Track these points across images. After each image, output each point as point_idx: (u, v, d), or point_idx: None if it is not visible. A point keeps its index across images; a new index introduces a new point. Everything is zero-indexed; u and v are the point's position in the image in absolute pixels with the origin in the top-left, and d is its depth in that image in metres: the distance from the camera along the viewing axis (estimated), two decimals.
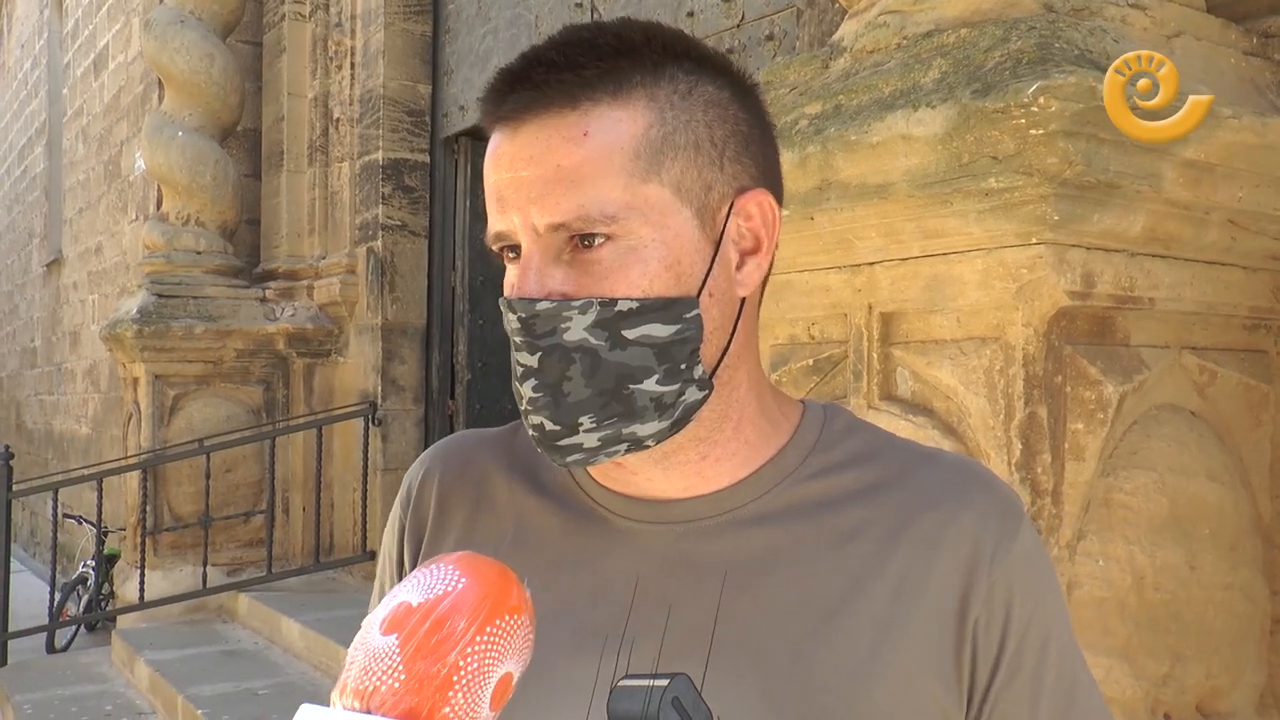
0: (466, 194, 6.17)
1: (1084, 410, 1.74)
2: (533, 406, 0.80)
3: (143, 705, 5.15)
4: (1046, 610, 0.85)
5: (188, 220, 6.49)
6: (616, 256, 0.77)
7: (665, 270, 0.78)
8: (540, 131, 0.77)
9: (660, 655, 0.80)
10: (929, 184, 1.72)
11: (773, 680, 0.78)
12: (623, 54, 0.79)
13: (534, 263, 0.78)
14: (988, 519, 0.83)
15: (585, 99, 0.77)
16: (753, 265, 0.83)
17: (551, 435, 0.80)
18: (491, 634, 0.68)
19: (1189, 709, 1.84)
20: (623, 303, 0.77)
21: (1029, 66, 1.61)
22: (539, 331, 0.78)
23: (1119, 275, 1.77)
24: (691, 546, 0.84)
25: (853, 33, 2.05)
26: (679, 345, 0.78)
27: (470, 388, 6.18)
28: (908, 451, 0.89)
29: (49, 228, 12.24)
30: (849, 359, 1.97)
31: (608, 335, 0.77)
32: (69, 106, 11.35)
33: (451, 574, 0.70)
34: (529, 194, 0.77)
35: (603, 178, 0.76)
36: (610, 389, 0.78)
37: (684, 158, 0.79)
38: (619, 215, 0.76)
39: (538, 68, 0.78)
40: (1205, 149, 1.70)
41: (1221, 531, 1.86)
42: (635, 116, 0.78)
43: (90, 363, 9.87)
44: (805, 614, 0.80)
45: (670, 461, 0.83)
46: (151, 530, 6.11)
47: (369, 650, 0.68)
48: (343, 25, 6.43)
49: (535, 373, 0.79)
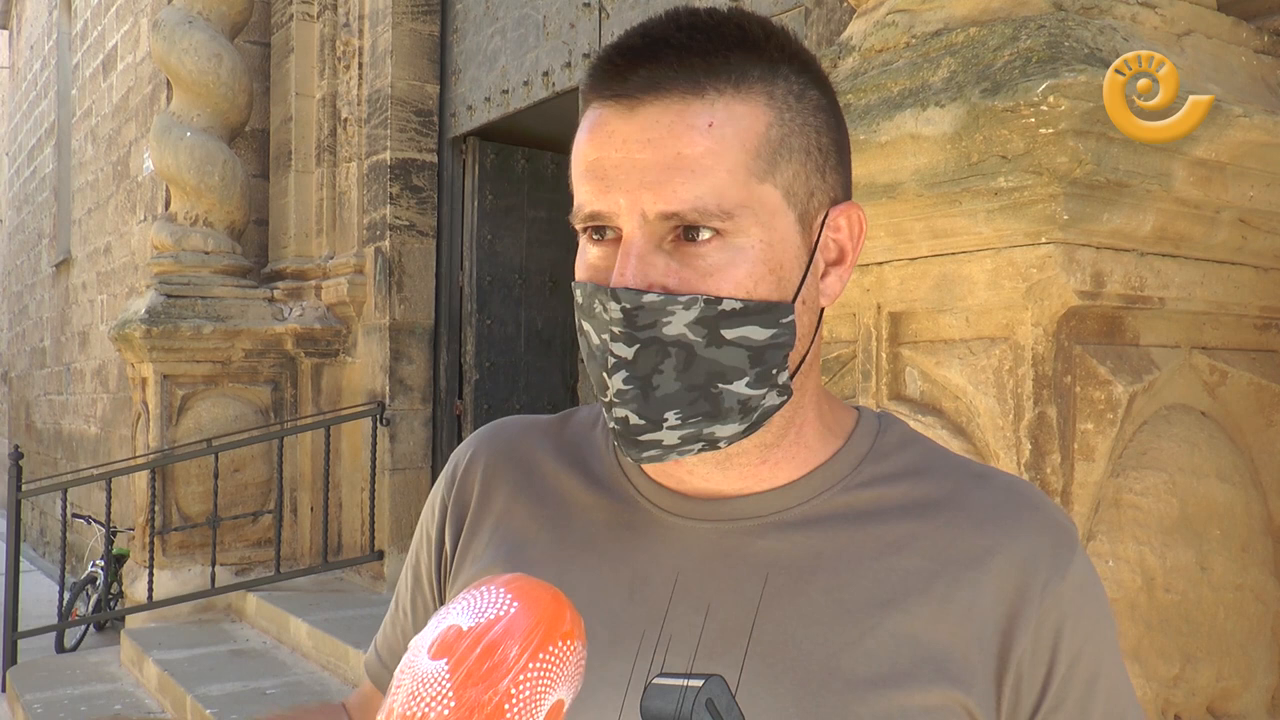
0: (474, 194, 6.17)
1: (1093, 410, 1.73)
2: (620, 399, 0.77)
3: (152, 705, 5.16)
4: (1097, 644, 0.82)
5: (196, 220, 6.50)
6: (723, 254, 0.75)
7: (769, 273, 0.77)
8: (663, 115, 0.75)
9: (696, 655, 0.79)
10: (938, 183, 1.71)
11: (808, 689, 0.77)
12: (744, 47, 0.77)
13: (636, 249, 0.75)
14: (1040, 547, 0.81)
15: (711, 88, 0.75)
16: (835, 277, 0.83)
17: (635, 429, 0.78)
18: (544, 661, 0.66)
19: (1199, 710, 1.83)
20: (727, 302, 0.75)
21: (1038, 65, 1.60)
22: (640, 324, 0.75)
23: (1129, 275, 1.76)
24: (735, 545, 0.83)
25: (861, 32, 2.04)
26: (773, 350, 0.77)
27: (478, 388, 6.18)
28: (961, 469, 0.87)
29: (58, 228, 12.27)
30: (858, 359, 1.96)
31: (707, 333, 0.75)
32: (78, 107, 11.38)
33: (504, 598, 0.68)
34: (643, 178, 0.74)
35: (724, 171, 0.75)
36: (700, 385, 0.76)
37: (796, 161, 0.78)
38: (734, 212, 0.75)
39: (665, 48, 0.75)
40: (1216, 147, 1.69)
41: (1232, 532, 1.85)
42: (757, 113, 0.76)
43: (99, 363, 9.90)
44: (845, 624, 0.79)
45: (731, 463, 0.82)
46: (160, 530, 6.12)
47: (417, 675, 0.66)
48: (350, 25, 6.43)
49: (628, 364, 0.76)
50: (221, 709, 4.51)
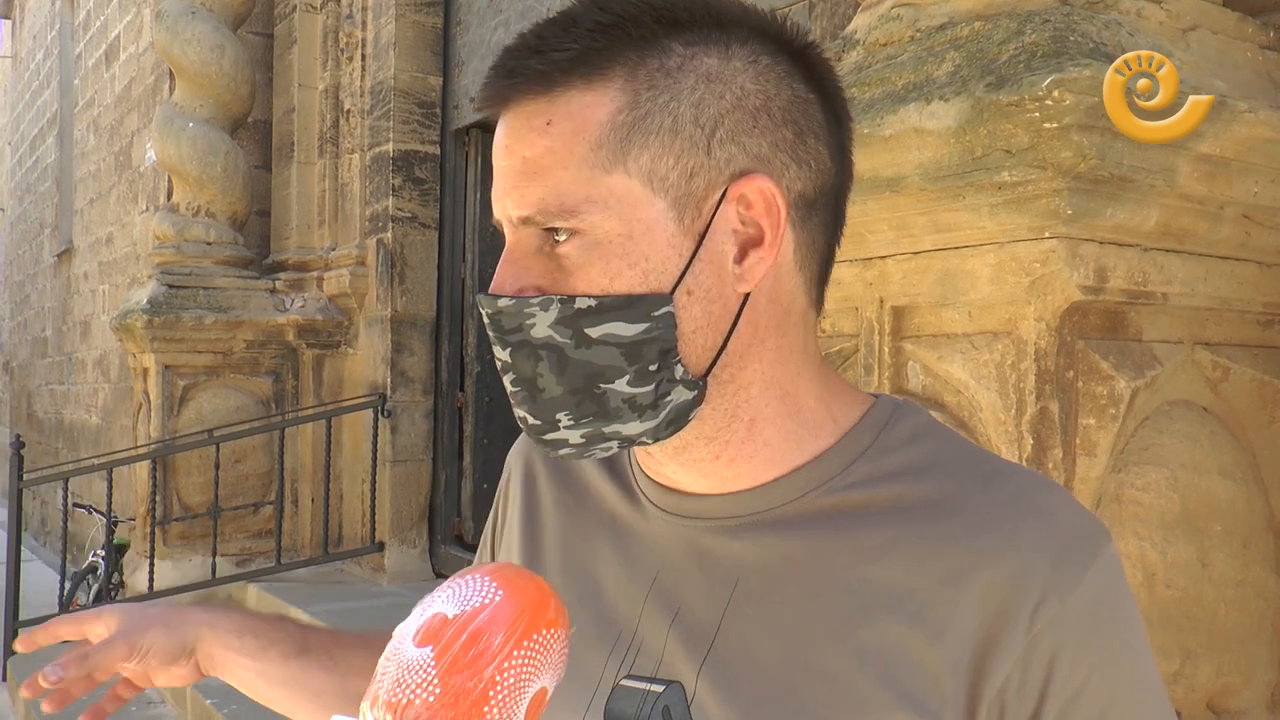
0: (477, 186, 6.17)
1: (1096, 405, 1.73)
2: (514, 400, 0.78)
3: (151, 694, 5.17)
4: (1111, 675, 0.72)
5: (198, 211, 6.50)
6: (580, 252, 0.73)
7: (628, 267, 0.73)
8: (514, 121, 0.74)
9: (662, 658, 0.78)
10: (941, 177, 1.71)
11: (762, 706, 0.73)
12: (604, 31, 0.73)
13: (512, 255, 0.76)
14: (1036, 563, 0.71)
15: (559, 84, 0.72)
16: (754, 258, 0.75)
17: (535, 429, 0.78)
18: (528, 649, 0.67)
19: (1199, 706, 1.84)
20: (580, 300, 0.72)
21: (1043, 59, 1.60)
22: (506, 327, 0.75)
23: (1132, 270, 1.76)
24: (710, 546, 0.79)
25: (865, 25, 2.04)
26: (647, 345, 0.73)
27: (480, 380, 6.17)
28: (972, 468, 0.78)
29: (60, 218, 12.28)
30: (860, 352, 1.96)
31: (572, 333, 0.73)
32: (80, 97, 11.37)
33: (488, 586, 0.69)
34: (504, 185, 0.75)
35: (563, 169, 0.72)
36: (581, 388, 0.74)
37: (657, 143, 0.73)
38: (579, 209, 0.72)
39: (516, 55, 0.74)
40: (1220, 143, 1.69)
41: (1234, 528, 1.85)
42: (604, 101, 0.72)
43: (100, 353, 9.90)
44: (809, 638, 0.74)
45: (684, 457, 0.79)
46: (161, 520, 6.12)
47: (402, 662, 0.67)
48: (354, 17, 6.42)
49: (510, 367, 0.76)
50: (222, 699, 4.52)
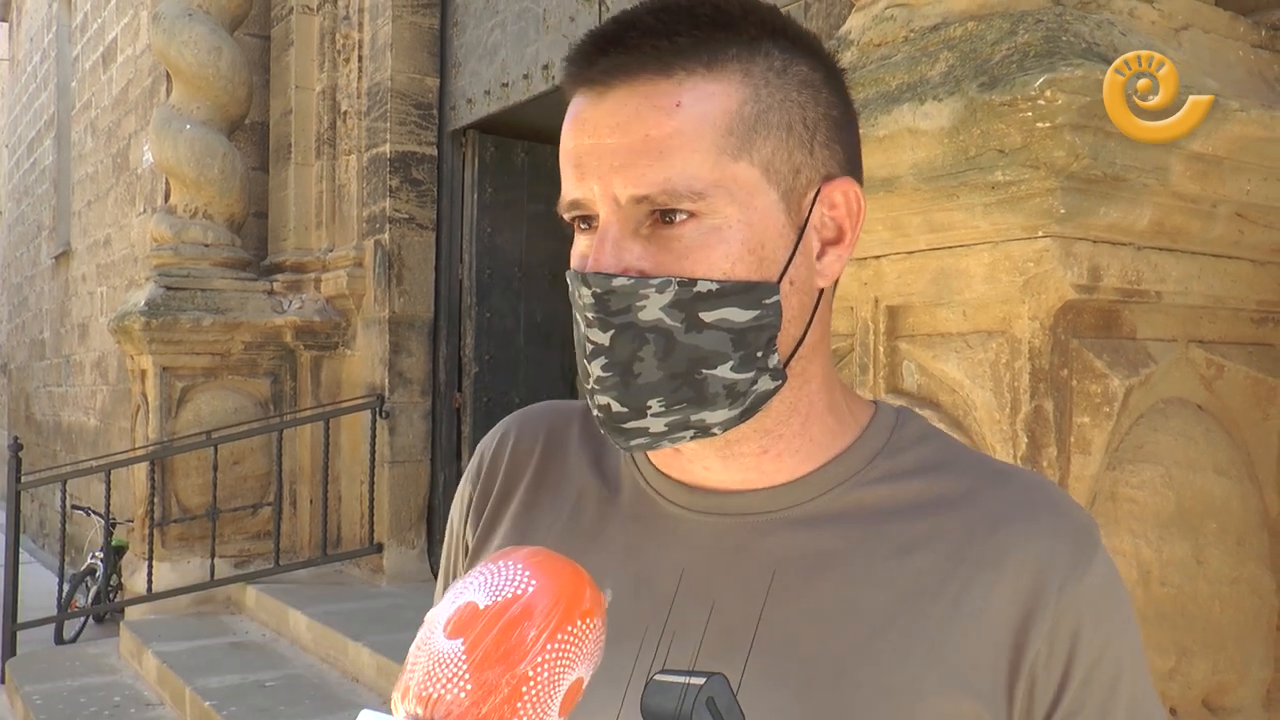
0: (474, 187, 6.17)
1: (1090, 404, 1.74)
2: (600, 386, 0.76)
3: (151, 696, 5.17)
4: (1119, 647, 0.80)
5: (195, 213, 6.51)
6: (699, 235, 0.74)
7: (748, 253, 0.75)
8: (630, 98, 0.74)
9: (699, 652, 0.78)
10: (935, 177, 1.71)
11: (813, 692, 0.75)
12: (720, 25, 0.75)
13: (611, 235, 0.74)
14: (1057, 547, 0.78)
15: (680, 68, 0.74)
16: (833, 256, 0.80)
17: (618, 417, 0.76)
18: (563, 641, 0.65)
19: (1195, 703, 1.84)
20: (702, 284, 0.73)
21: (1036, 60, 1.60)
22: (613, 308, 0.74)
23: (1125, 268, 1.76)
24: (742, 541, 0.81)
25: (860, 26, 2.04)
26: (756, 332, 0.75)
27: (478, 380, 6.18)
28: (980, 467, 0.84)
29: (58, 220, 12.27)
30: (855, 352, 1.96)
31: (684, 317, 0.74)
32: (78, 99, 11.37)
33: (522, 574, 0.67)
34: (612, 162, 0.74)
35: (693, 151, 0.73)
36: (682, 372, 0.75)
37: (775, 138, 0.76)
38: (706, 192, 0.73)
39: (632, 31, 0.74)
40: (1213, 142, 1.69)
41: (1228, 526, 1.85)
42: (730, 91, 0.74)
43: (99, 355, 9.90)
44: (852, 626, 0.77)
45: (731, 451, 0.80)
46: (159, 522, 6.13)
47: (433, 654, 0.65)
48: (350, 18, 6.43)
49: (605, 350, 0.75)
50: (220, 701, 4.51)
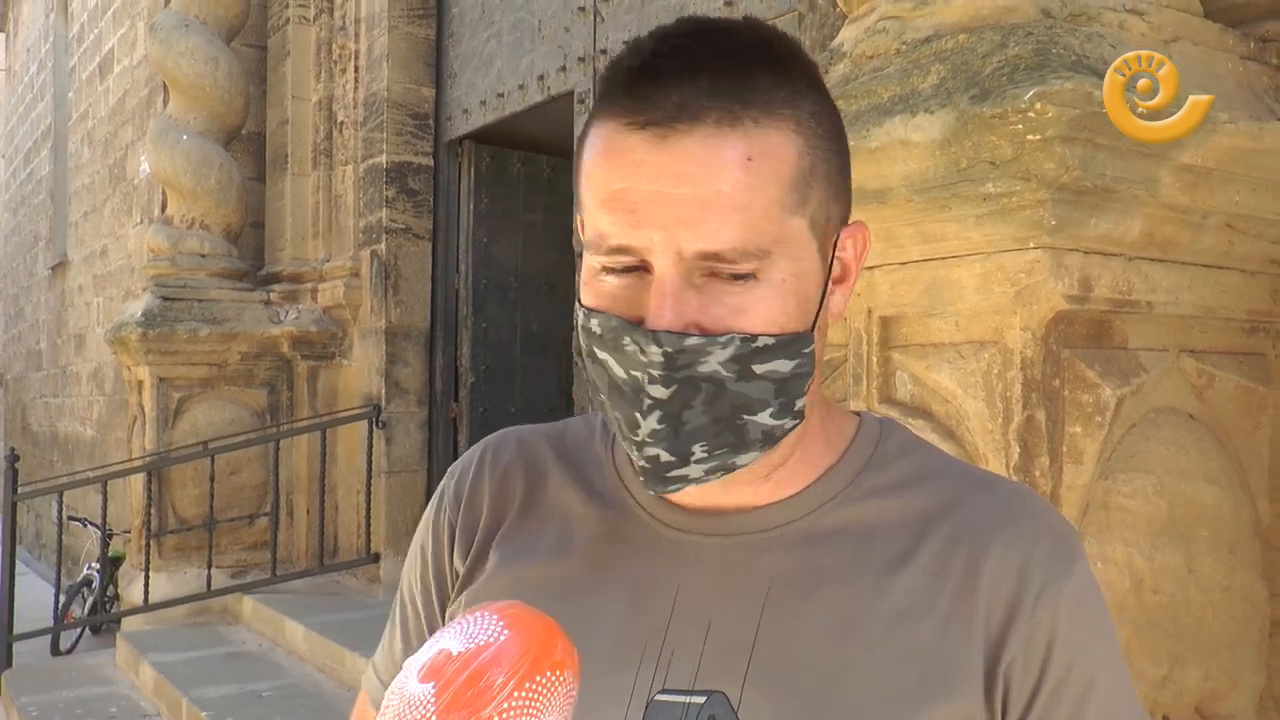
0: (470, 197, 6.19)
1: (1082, 413, 1.75)
2: (653, 439, 0.75)
3: (147, 707, 5.16)
4: (1092, 656, 0.81)
5: (192, 223, 6.51)
6: (756, 290, 0.73)
7: (797, 306, 0.75)
8: (698, 147, 0.71)
9: (699, 671, 0.79)
10: (927, 189, 1.73)
11: (813, 707, 0.76)
12: (771, 68, 0.74)
13: (671, 288, 0.72)
14: (1036, 557, 0.79)
15: (746, 117, 0.71)
16: (839, 295, 0.81)
17: (666, 466, 0.76)
18: (530, 690, 0.66)
19: (1188, 711, 1.85)
20: (762, 339, 0.73)
21: (1026, 72, 1.62)
22: (679, 365, 0.73)
23: (1116, 279, 1.78)
24: (737, 561, 0.81)
25: (852, 38, 2.06)
26: (796, 380, 0.76)
27: (474, 390, 6.19)
28: (963, 477, 0.85)
29: (54, 231, 12.27)
30: (849, 362, 1.97)
31: (739, 369, 0.73)
32: (74, 110, 11.38)
33: (495, 624, 0.69)
34: (680, 215, 0.71)
35: (761, 207, 0.72)
36: (725, 417, 0.75)
37: (821, 189, 0.75)
38: (771, 249, 0.72)
39: (698, 73, 0.71)
40: (1202, 153, 1.71)
41: (1220, 534, 1.86)
42: (786, 142, 0.73)
43: (95, 365, 9.89)
44: (849, 641, 0.78)
45: (736, 480, 0.80)
46: (156, 533, 6.12)
47: (404, 697, 0.67)
48: (347, 29, 6.44)
49: (661, 404, 0.74)
50: (218, 711, 4.51)
